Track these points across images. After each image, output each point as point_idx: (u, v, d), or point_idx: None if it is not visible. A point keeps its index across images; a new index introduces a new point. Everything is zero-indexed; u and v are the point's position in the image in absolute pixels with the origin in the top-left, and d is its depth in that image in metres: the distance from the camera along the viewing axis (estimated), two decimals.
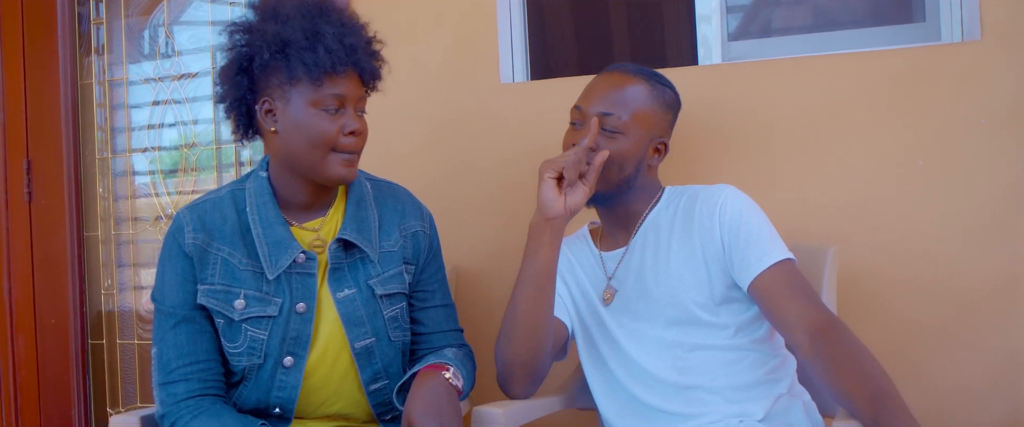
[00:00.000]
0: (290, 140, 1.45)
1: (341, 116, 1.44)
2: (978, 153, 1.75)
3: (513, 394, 1.57)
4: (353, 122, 1.45)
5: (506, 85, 2.07)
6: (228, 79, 1.47)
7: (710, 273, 1.51)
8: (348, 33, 1.45)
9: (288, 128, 1.44)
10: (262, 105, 1.46)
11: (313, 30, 1.41)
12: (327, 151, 1.45)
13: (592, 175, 1.51)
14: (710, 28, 2.07)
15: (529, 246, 1.52)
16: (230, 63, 1.47)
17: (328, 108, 1.43)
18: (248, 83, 1.46)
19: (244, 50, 1.45)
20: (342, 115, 1.45)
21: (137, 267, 2.52)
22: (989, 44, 1.74)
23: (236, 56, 1.46)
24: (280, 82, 1.43)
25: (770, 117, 1.86)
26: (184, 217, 1.50)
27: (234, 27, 1.48)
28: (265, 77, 1.44)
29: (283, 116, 1.44)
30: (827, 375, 1.34)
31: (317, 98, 1.42)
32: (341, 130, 1.44)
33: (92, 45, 2.53)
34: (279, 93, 1.44)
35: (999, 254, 1.74)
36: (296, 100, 1.43)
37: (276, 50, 1.41)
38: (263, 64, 1.43)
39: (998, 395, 1.74)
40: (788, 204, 1.82)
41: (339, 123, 1.44)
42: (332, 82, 1.43)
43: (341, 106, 1.44)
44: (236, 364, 1.48)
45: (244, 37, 1.46)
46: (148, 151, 2.50)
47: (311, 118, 1.43)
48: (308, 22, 1.42)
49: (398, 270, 1.55)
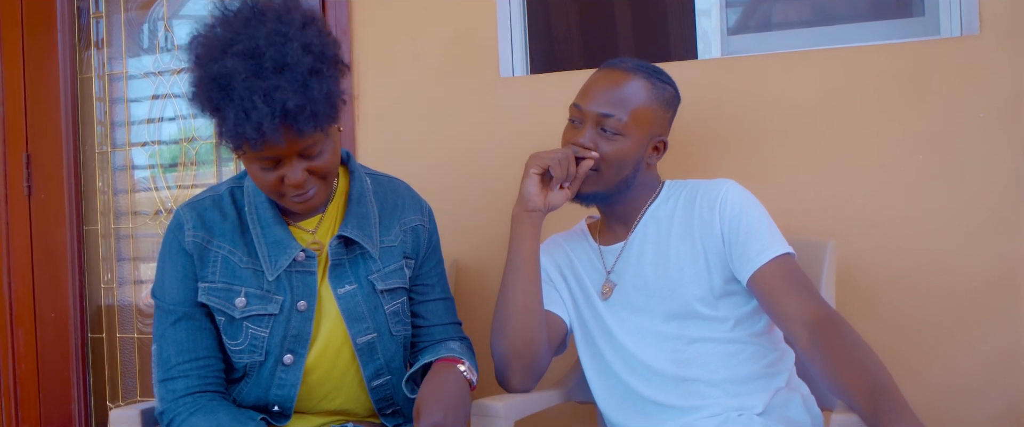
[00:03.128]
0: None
1: (280, 168, 1.35)
2: (977, 148, 1.75)
3: (511, 387, 1.57)
4: (294, 174, 1.35)
5: (506, 79, 2.07)
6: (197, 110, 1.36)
7: (710, 267, 1.51)
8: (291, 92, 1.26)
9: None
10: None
11: (247, 102, 1.25)
12: (277, 196, 1.41)
13: (575, 184, 1.55)
14: (710, 22, 2.07)
15: (513, 235, 1.57)
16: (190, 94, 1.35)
17: (266, 167, 1.35)
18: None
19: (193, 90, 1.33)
20: (281, 167, 1.35)
21: (137, 261, 2.52)
22: (988, 38, 1.74)
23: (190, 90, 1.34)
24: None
25: (769, 111, 1.87)
26: (184, 214, 1.49)
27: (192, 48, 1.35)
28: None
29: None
30: (826, 369, 1.35)
31: (251, 156, 1.35)
32: (281, 181, 1.37)
33: (91, 39, 2.52)
34: None
35: (997, 249, 1.74)
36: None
37: (213, 110, 1.30)
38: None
39: (995, 390, 1.74)
40: (787, 198, 1.82)
41: (279, 174, 1.36)
42: (268, 148, 1.31)
43: (277, 164, 1.35)
44: (237, 361, 1.48)
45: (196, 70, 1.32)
46: (148, 145, 2.50)
47: (253, 170, 1.38)
48: (246, 83, 1.25)
49: (398, 265, 1.55)
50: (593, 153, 1.53)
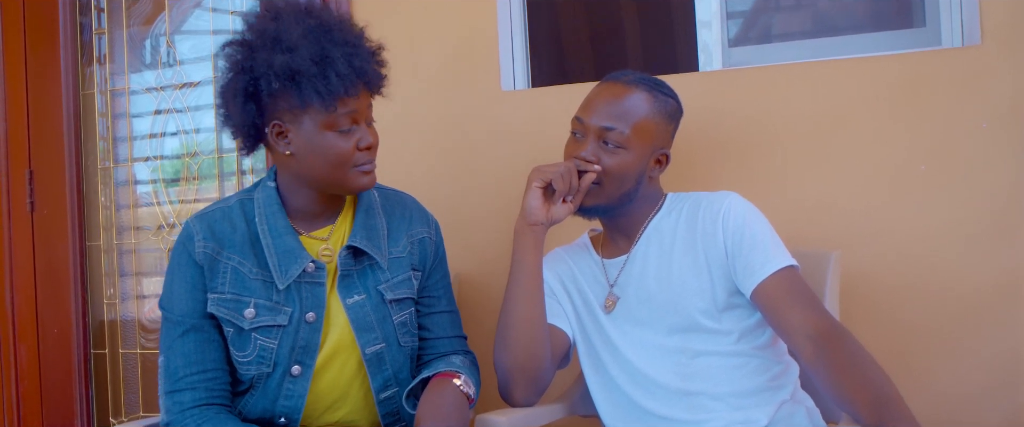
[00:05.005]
0: (307, 161, 1.45)
1: (355, 133, 1.45)
2: (979, 157, 1.75)
3: (515, 402, 1.57)
4: (367, 136, 1.46)
5: (507, 92, 2.08)
6: (235, 104, 1.45)
7: (713, 279, 1.51)
8: (355, 53, 1.43)
9: (303, 150, 1.44)
10: (273, 128, 1.45)
11: (322, 55, 1.40)
12: (347, 168, 1.45)
13: (578, 197, 1.55)
14: (710, 34, 2.07)
15: (516, 249, 1.57)
16: (234, 89, 1.44)
17: (343, 129, 1.43)
18: (256, 108, 1.44)
19: (248, 75, 1.42)
20: (355, 132, 1.45)
21: (139, 276, 2.52)
22: (989, 48, 1.74)
23: (239, 81, 1.43)
24: (291, 107, 1.42)
25: (771, 123, 1.87)
26: (194, 226, 1.50)
27: (234, 49, 1.45)
28: (274, 102, 1.43)
29: (297, 139, 1.44)
30: (830, 381, 1.34)
31: (331, 120, 1.42)
32: (356, 145, 1.45)
33: (94, 55, 2.53)
34: (290, 117, 1.43)
35: (1001, 258, 1.74)
36: (309, 124, 1.42)
37: (286, 78, 1.39)
38: (272, 91, 1.41)
39: (1000, 399, 1.74)
40: (790, 209, 1.82)
41: (354, 140, 1.45)
42: (345, 104, 1.42)
43: (354, 123, 1.45)
44: (244, 373, 1.48)
45: (247, 61, 1.42)
46: (150, 160, 2.51)
47: (326, 140, 1.43)
48: (316, 47, 1.40)
49: (406, 276, 1.56)
50: (595, 166, 1.53)
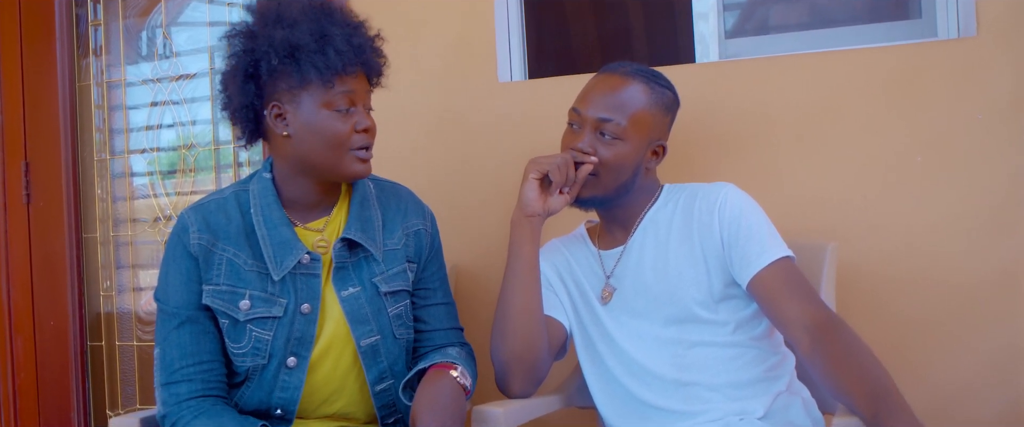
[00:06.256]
0: (304, 143, 1.46)
1: (352, 115, 1.46)
2: (976, 149, 1.75)
3: (512, 393, 1.57)
4: (364, 119, 1.47)
5: (504, 84, 2.07)
6: (235, 85, 1.47)
7: (709, 270, 1.51)
8: (354, 33, 1.47)
9: (301, 131, 1.45)
10: (271, 110, 1.46)
11: (321, 32, 1.43)
12: (343, 151, 1.46)
13: (574, 188, 1.55)
14: (707, 25, 2.07)
15: (512, 240, 1.58)
16: (235, 69, 1.46)
17: (340, 108, 1.45)
18: (255, 89, 1.46)
19: (249, 56, 1.44)
20: (353, 114, 1.46)
21: (136, 268, 2.51)
22: (985, 40, 1.74)
23: (241, 62, 1.45)
24: (290, 86, 1.43)
25: (767, 114, 1.87)
26: (189, 217, 1.50)
27: (235, 32, 1.48)
28: (273, 82, 1.45)
29: (294, 119, 1.45)
30: (826, 372, 1.34)
31: (329, 99, 1.44)
32: (354, 128, 1.46)
33: (90, 46, 2.53)
34: (288, 97, 1.44)
35: (998, 250, 1.74)
36: (307, 103, 1.44)
37: (285, 55, 1.41)
38: (271, 69, 1.43)
39: (997, 392, 1.74)
40: (786, 201, 1.82)
41: (351, 122, 1.46)
42: (342, 82, 1.44)
43: (352, 105, 1.46)
44: (240, 365, 1.48)
45: (248, 42, 1.45)
46: (146, 152, 2.50)
47: (324, 119, 1.44)
48: (315, 24, 1.43)
49: (401, 268, 1.55)
50: (592, 158, 1.53)
